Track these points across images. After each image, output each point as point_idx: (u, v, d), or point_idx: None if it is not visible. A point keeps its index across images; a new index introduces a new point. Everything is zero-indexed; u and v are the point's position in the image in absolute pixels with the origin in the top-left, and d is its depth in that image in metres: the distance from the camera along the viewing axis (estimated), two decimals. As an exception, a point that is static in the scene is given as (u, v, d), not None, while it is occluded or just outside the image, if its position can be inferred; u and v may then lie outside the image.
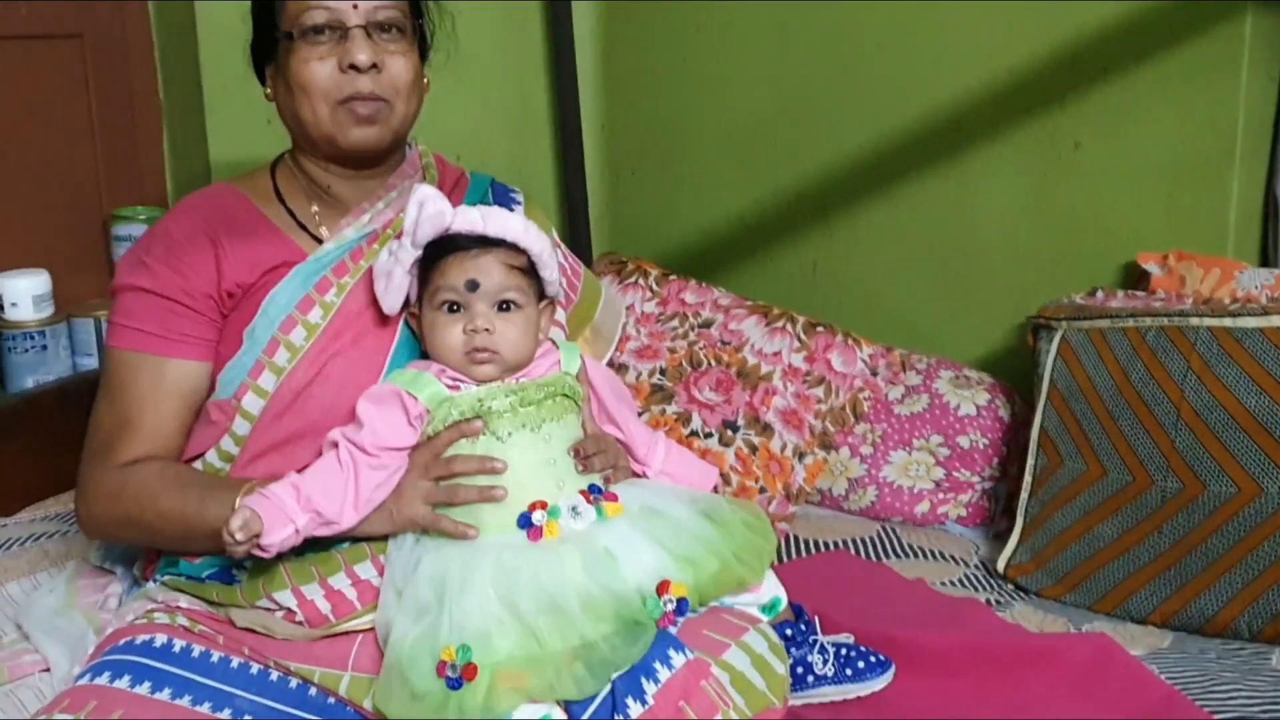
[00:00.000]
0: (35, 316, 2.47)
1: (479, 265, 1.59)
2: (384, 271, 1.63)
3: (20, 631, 1.84)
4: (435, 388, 1.57)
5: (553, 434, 1.59)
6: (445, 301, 1.60)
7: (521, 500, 1.52)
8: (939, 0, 2.51)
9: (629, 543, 1.51)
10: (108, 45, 2.67)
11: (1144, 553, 1.93)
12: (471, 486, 1.53)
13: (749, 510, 1.66)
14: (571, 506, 1.53)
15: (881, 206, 2.68)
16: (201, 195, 1.82)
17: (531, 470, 1.55)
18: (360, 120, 1.69)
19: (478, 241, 1.60)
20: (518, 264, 1.62)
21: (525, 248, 1.62)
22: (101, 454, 1.68)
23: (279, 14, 1.70)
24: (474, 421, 1.56)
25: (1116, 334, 2.08)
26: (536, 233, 1.64)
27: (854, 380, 2.45)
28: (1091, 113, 2.34)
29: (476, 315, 1.58)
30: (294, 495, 1.49)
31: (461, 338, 1.58)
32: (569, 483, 1.57)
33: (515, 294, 1.61)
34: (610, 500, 1.56)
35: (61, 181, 2.67)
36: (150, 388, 1.68)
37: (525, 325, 1.62)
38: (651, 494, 1.62)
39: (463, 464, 1.55)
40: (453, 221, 1.59)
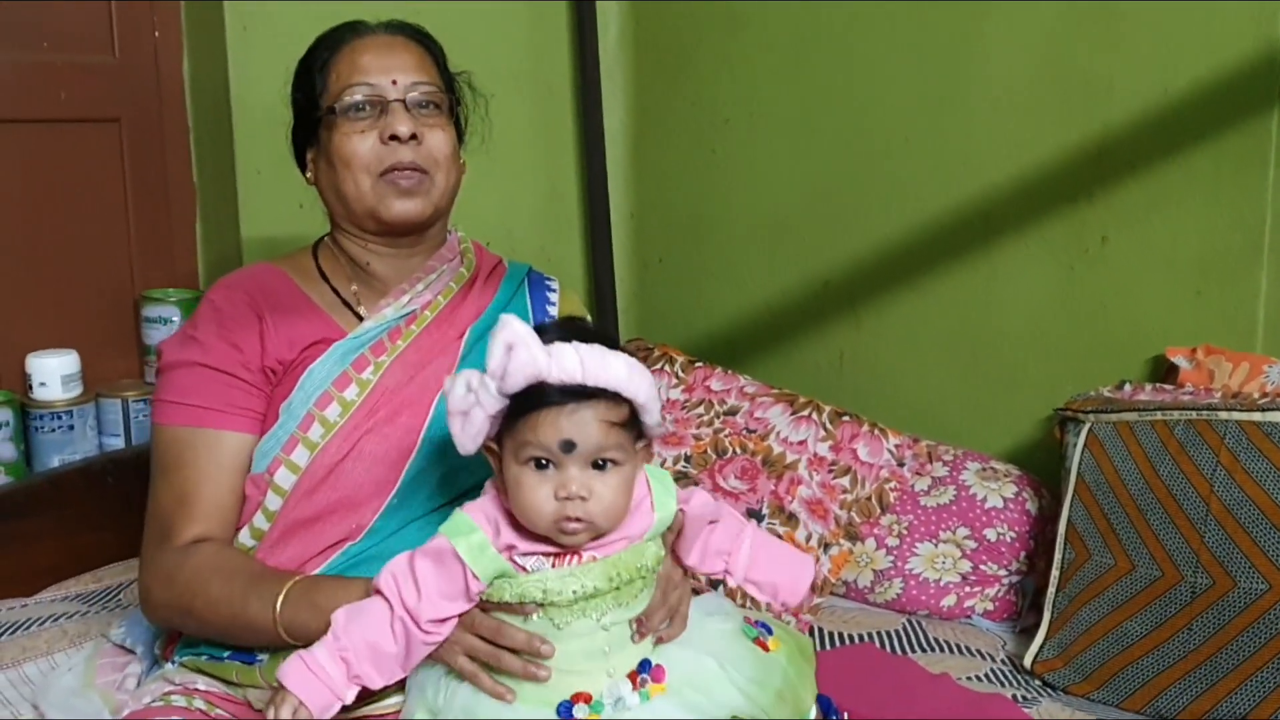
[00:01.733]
0: (63, 396, 2.49)
1: (575, 423, 1.38)
2: (460, 410, 1.42)
3: (37, 712, 1.83)
4: (499, 565, 1.41)
5: (615, 620, 1.44)
6: (534, 458, 1.40)
7: (565, 686, 1.41)
8: (966, 93, 2.53)
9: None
10: (144, 129, 2.71)
11: (1173, 650, 1.90)
12: (515, 660, 1.42)
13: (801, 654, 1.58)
14: (616, 699, 1.41)
15: (909, 298, 2.68)
16: (244, 272, 1.85)
17: (583, 658, 1.43)
18: (402, 193, 1.72)
19: (574, 394, 1.38)
20: (618, 419, 1.41)
21: (629, 397, 1.41)
22: (161, 537, 1.67)
23: (321, 95, 1.74)
24: (527, 606, 1.41)
25: (1144, 427, 2.06)
26: (641, 374, 1.42)
27: (880, 471, 2.44)
28: (1119, 207, 2.34)
29: (570, 479, 1.38)
30: (344, 672, 1.40)
31: (553, 504, 1.39)
32: (620, 666, 1.44)
33: (615, 452, 1.40)
34: (657, 680, 1.44)
35: (94, 262, 2.69)
36: (208, 462, 1.67)
37: (623, 485, 1.42)
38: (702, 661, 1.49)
39: (510, 637, 1.42)
40: (548, 371, 1.36)
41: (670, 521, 1.50)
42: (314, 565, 1.66)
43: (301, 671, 1.39)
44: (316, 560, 1.66)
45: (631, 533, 1.46)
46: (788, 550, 1.69)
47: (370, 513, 1.68)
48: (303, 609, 1.53)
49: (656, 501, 1.48)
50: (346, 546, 1.67)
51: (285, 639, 1.54)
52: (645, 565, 1.46)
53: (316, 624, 1.50)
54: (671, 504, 1.50)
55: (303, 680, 1.39)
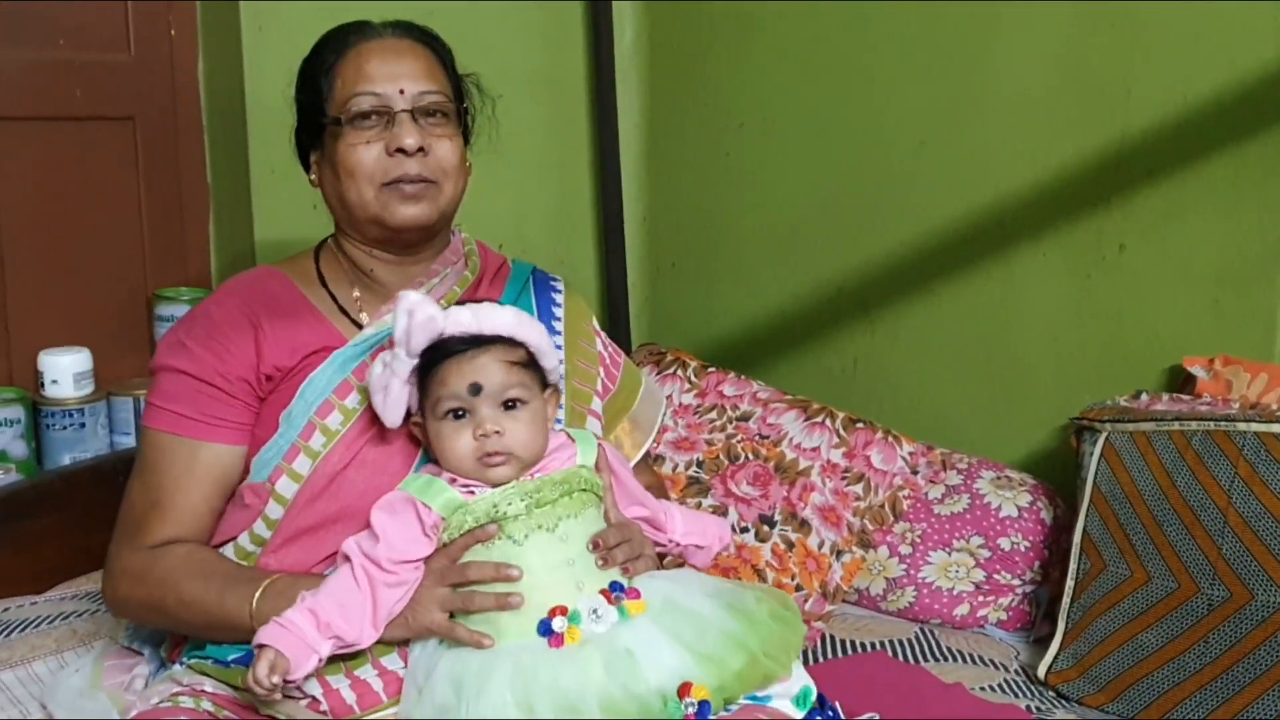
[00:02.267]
0: (75, 394, 2.48)
1: (477, 367, 1.55)
2: (380, 385, 1.59)
3: (45, 711, 1.82)
4: (449, 494, 1.54)
5: (571, 532, 1.54)
6: (449, 410, 1.55)
7: (541, 605, 1.48)
8: (982, 99, 2.51)
9: (651, 642, 1.47)
10: (159, 128, 2.71)
11: (1190, 662, 1.88)
12: (488, 594, 1.50)
13: (777, 600, 1.62)
14: (593, 609, 1.49)
15: (924, 304, 2.66)
16: (244, 278, 1.83)
17: (550, 572, 1.51)
18: (407, 198, 1.70)
19: (472, 342, 1.55)
20: (517, 359, 1.58)
21: (522, 340, 1.59)
22: (131, 534, 1.68)
23: (327, 100, 1.73)
24: (488, 526, 1.52)
25: (1161, 437, 2.04)
26: (531, 322, 1.60)
27: (894, 478, 2.42)
28: (1137, 215, 2.32)
29: (484, 419, 1.54)
30: (313, 622, 1.46)
31: (471, 444, 1.54)
32: (589, 582, 1.52)
33: (519, 390, 1.57)
34: (633, 598, 1.52)
35: (107, 260, 2.69)
36: (183, 471, 1.68)
37: (534, 420, 1.58)
38: (675, 587, 1.57)
39: (478, 570, 1.51)
40: (445, 325, 1.55)
41: (593, 456, 1.63)
42: (317, 573, 1.64)
43: (273, 629, 1.45)
44: (319, 568, 1.64)
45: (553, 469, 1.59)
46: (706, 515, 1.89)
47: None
48: (281, 604, 1.52)
49: (580, 452, 1.63)
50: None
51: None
52: (581, 477, 1.59)
53: None
54: (592, 451, 1.64)
55: (275, 635, 1.45)
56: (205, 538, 1.69)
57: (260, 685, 1.42)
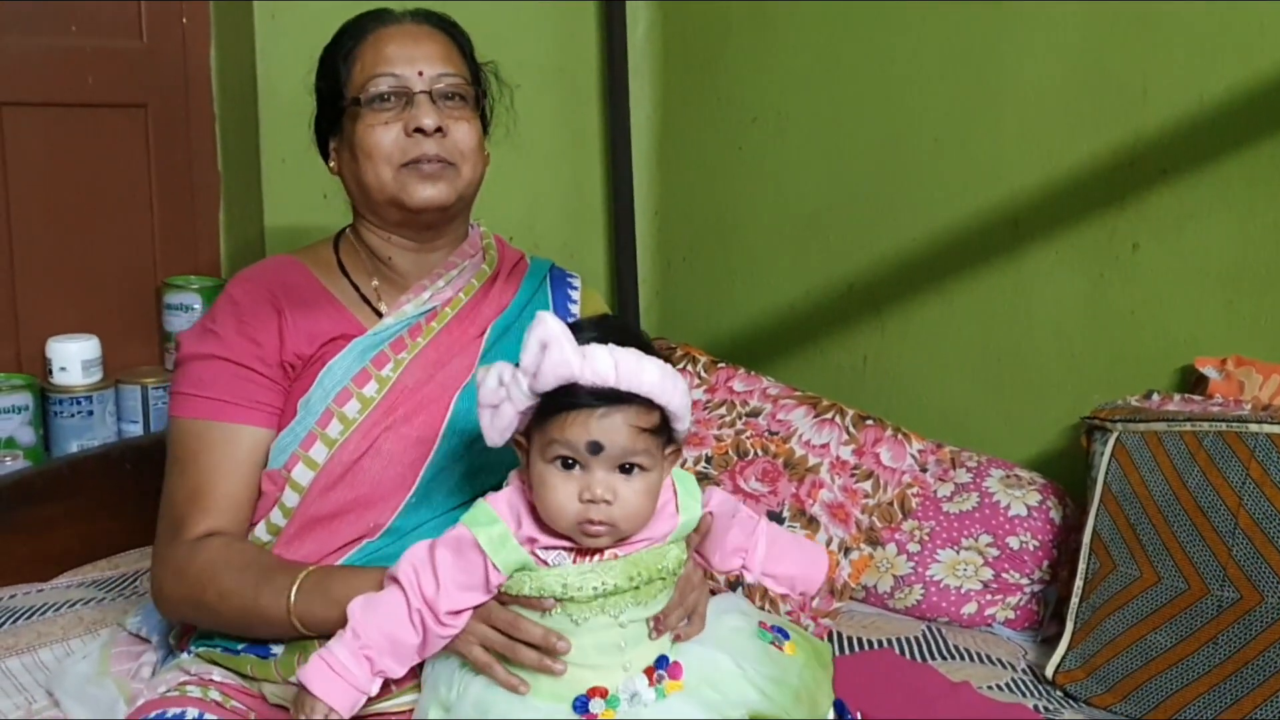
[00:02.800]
0: (83, 381, 2.48)
1: (604, 426, 1.37)
2: (490, 403, 1.42)
3: (51, 698, 1.82)
4: (522, 557, 1.41)
5: (634, 618, 1.43)
6: (560, 457, 1.39)
7: (580, 681, 1.40)
8: (998, 97, 2.50)
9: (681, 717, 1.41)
10: (170, 115, 2.71)
11: (1199, 663, 1.88)
12: (531, 653, 1.41)
13: (817, 660, 1.56)
14: (632, 694, 1.40)
15: (935, 302, 2.65)
16: (264, 265, 1.83)
17: (600, 654, 1.41)
18: (425, 178, 1.70)
19: (606, 398, 1.37)
20: (649, 425, 1.40)
21: (661, 404, 1.40)
22: (174, 530, 1.66)
23: (345, 83, 1.73)
24: (545, 600, 1.40)
25: (1173, 438, 2.04)
26: (675, 382, 1.40)
27: (903, 476, 2.42)
28: (1151, 214, 2.31)
29: (595, 482, 1.38)
30: (367, 669, 1.40)
31: (576, 505, 1.38)
32: (636, 662, 1.43)
33: (643, 458, 1.40)
34: (673, 676, 1.43)
35: (117, 248, 2.69)
36: (223, 456, 1.66)
37: (648, 491, 1.42)
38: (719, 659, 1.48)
39: (526, 631, 1.41)
40: (581, 372, 1.35)
41: (694, 525, 1.49)
42: (331, 562, 1.64)
43: (324, 673, 1.39)
44: (333, 557, 1.64)
45: (655, 534, 1.45)
46: (802, 542, 1.70)
47: (388, 511, 1.66)
48: (316, 599, 1.52)
49: (681, 505, 1.48)
50: (364, 544, 1.66)
51: (299, 630, 1.53)
52: (667, 566, 1.45)
53: (330, 614, 1.49)
54: (696, 508, 1.49)
55: (327, 682, 1.39)
56: (244, 528, 1.68)
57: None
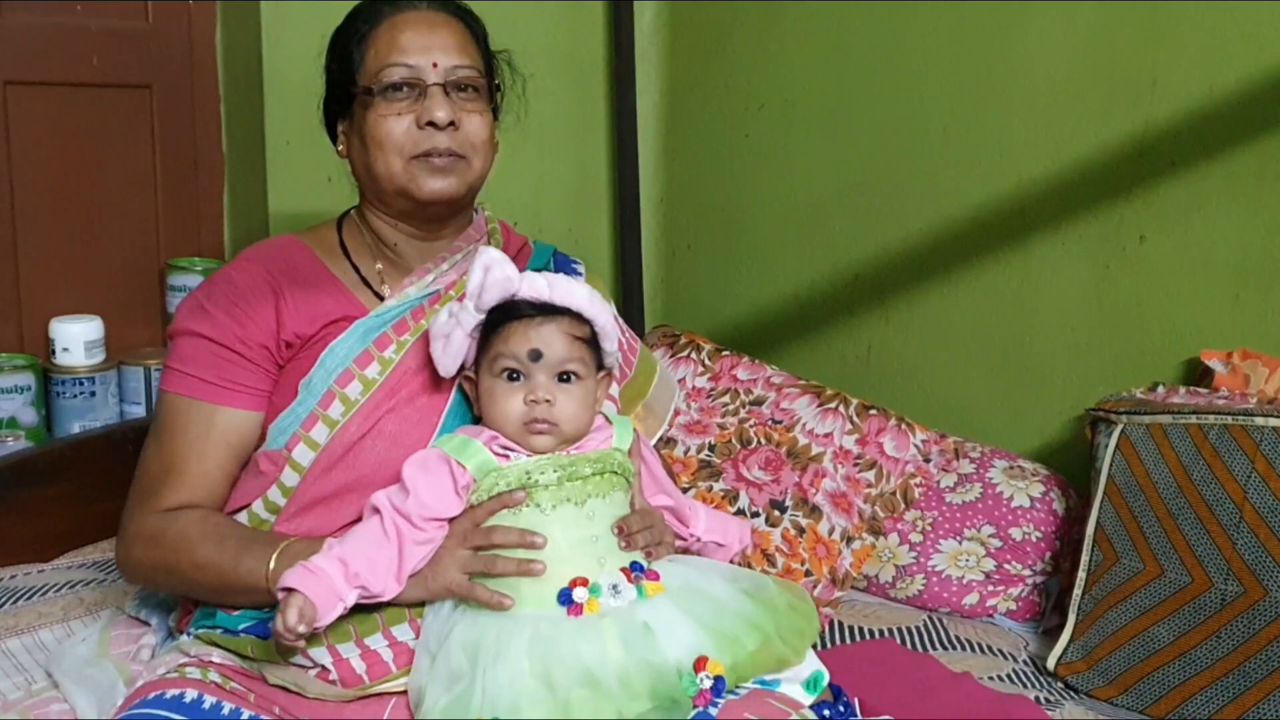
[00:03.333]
0: (86, 362, 2.48)
1: (542, 334, 1.56)
2: (442, 333, 1.60)
3: (50, 679, 1.81)
4: (484, 456, 1.54)
5: (597, 510, 1.55)
6: (506, 369, 1.57)
7: (561, 576, 1.49)
8: (1006, 86, 2.49)
9: (668, 619, 1.47)
10: (175, 97, 2.70)
11: (1201, 657, 1.87)
12: (510, 559, 1.50)
13: (793, 591, 1.62)
14: (612, 584, 1.49)
15: (940, 292, 2.65)
16: (267, 245, 1.82)
17: (573, 546, 1.51)
18: (435, 171, 1.69)
19: (542, 309, 1.57)
20: (581, 334, 1.59)
21: (590, 318, 1.60)
22: (145, 497, 1.67)
23: (358, 70, 1.71)
24: (516, 493, 1.52)
25: (1178, 430, 2.03)
26: (601, 303, 1.62)
27: (906, 466, 2.41)
28: (1158, 206, 2.30)
29: (537, 385, 1.55)
30: (342, 571, 1.46)
31: (521, 408, 1.55)
32: (610, 560, 1.52)
33: (577, 365, 1.58)
34: (652, 579, 1.52)
35: (121, 229, 2.69)
36: (199, 435, 1.67)
37: (584, 397, 1.59)
38: (694, 571, 1.59)
39: (502, 535, 1.51)
40: (519, 287, 1.56)
41: (628, 442, 1.64)
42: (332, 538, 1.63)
43: (300, 573, 1.44)
44: (333, 537, 1.63)
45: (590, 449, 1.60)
46: (730, 517, 1.89)
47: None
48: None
49: (616, 436, 1.64)
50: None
51: (276, 597, 1.51)
52: (615, 459, 1.60)
53: None
54: (628, 436, 1.65)
55: (302, 579, 1.44)
56: (219, 504, 1.69)
57: (289, 633, 1.42)
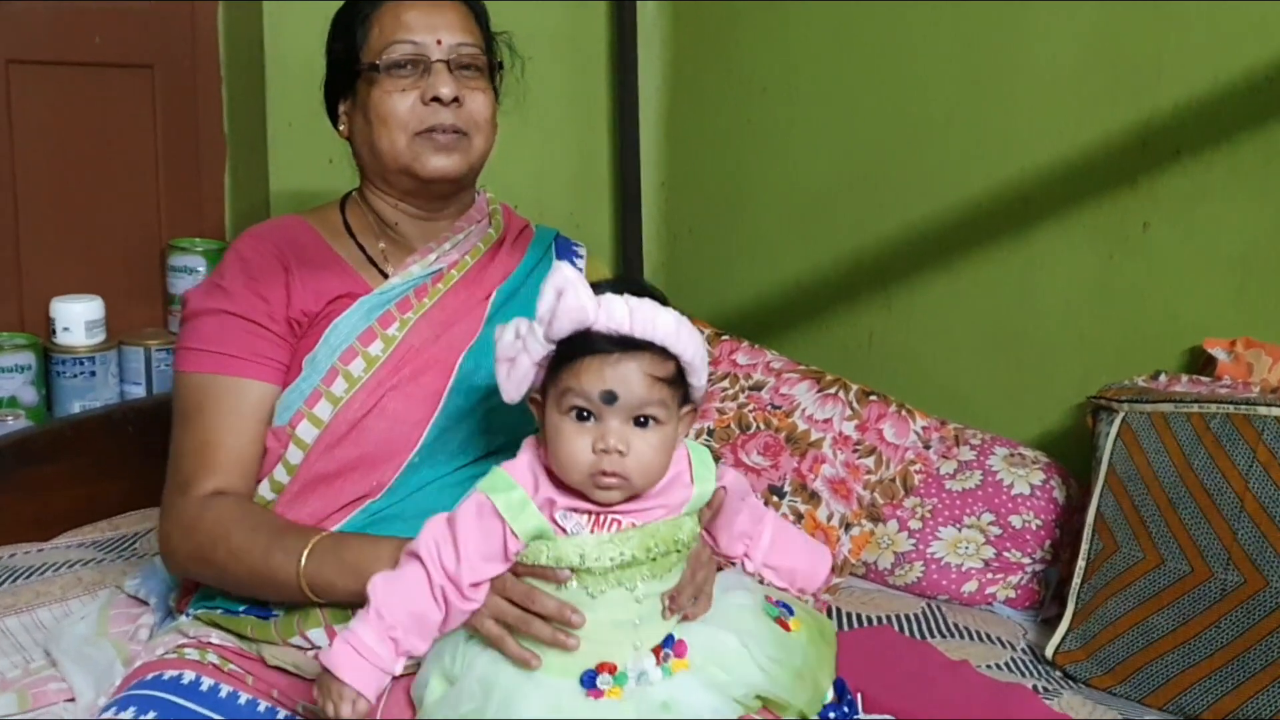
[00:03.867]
0: (86, 342, 2.48)
1: (619, 374, 1.36)
2: (507, 356, 1.41)
3: (48, 658, 1.82)
4: (540, 524, 1.39)
5: (648, 593, 1.41)
6: (575, 408, 1.38)
7: (590, 656, 1.39)
8: (1011, 73, 2.48)
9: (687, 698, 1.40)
10: (177, 77, 2.70)
11: (1201, 647, 1.87)
12: (545, 626, 1.38)
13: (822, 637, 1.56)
14: (640, 673, 1.39)
15: (942, 279, 2.64)
16: (272, 224, 1.83)
17: (613, 630, 1.40)
18: (439, 148, 1.70)
19: (620, 343, 1.36)
20: (664, 374, 1.38)
21: (677, 353, 1.39)
22: (181, 486, 1.65)
23: (361, 49, 1.72)
24: (561, 572, 1.39)
25: (1180, 419, 2.02)
26: (690, 333, 1.40)
27: (906, 452, 2.41)
28: (1162, 195, 2.30)
29: (609, 432, 1.37)
30: (392, 650, 1.36)
31: (590, 456, 1.37)
32: (646, 640, 1.41)
33: (657, 409, 1.39)
34: (679, 655, 1.42)
35: (122, 209, 2.69)
36: (232, 410, 1.66)
37: (662, 445, 1.40)
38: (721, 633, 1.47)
39: (541, 604, 1.38)
40: (595, 318, 1.35)
41: (708, 498, 1.47)
42: (333, 521, 1.64)
43: (351, 658, 1.35)
44: (336, 516, 1.64)
45: (669, 503, 1.44)
46: (806, 539, 1.69)
47: (391, 470, 1.66)
48: (328, 565, 1.51)
49: (696, 476, 1.46)
50: (367, 504, 1.65)
51: (307, 594, 1.52)
52: (681, 539, 1.44)
53: (342, 581, 1.50)
54: (711, 480, 1.48)
55: (355, 668, 1.34)
56: (251, 486, 1.67)
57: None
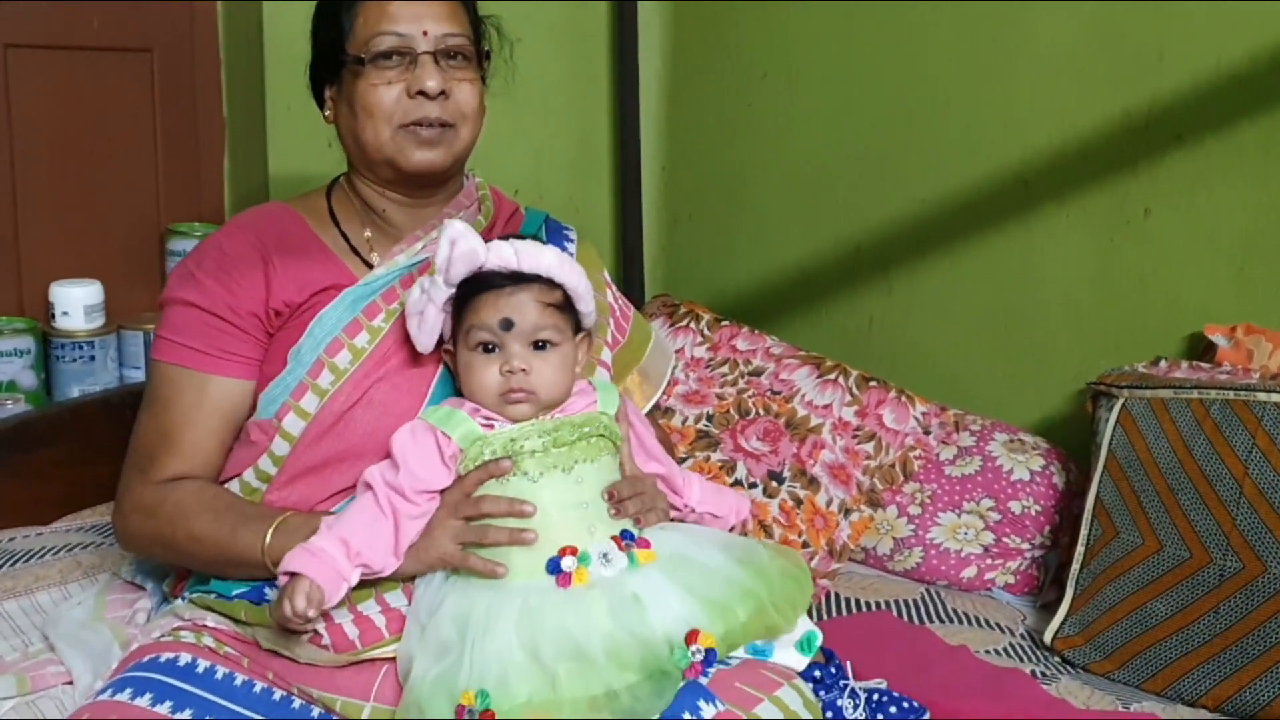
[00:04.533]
0: (85, 326, 2.48)
1: (513, 303, 1.55)
2: (416, 310, 1.59)
3: (46, 642, 1.82)
4: (468, 426, 1.54)
5: (586, 475, 1.55)
6: (480, 342, 1.56)
7: (551, 544, 1.49)
8: (1011, 56, 2.47)
9: (659, 590, 1.46)
10: (176, 60, 2.69)
11: (1199, 632, 1.87)
12: (502, 528, 1.50)
13: (787, 557, 1.61)
14: (603, 553, 1.49)
15: (943, 264, 2.63)
16: (256, 212, 1.82)
17: (563, 513, 1.51)
18: (423, 143, 1.69)
19: (511, 278, 1.56)
20: (553, 300, 1.58)
21: (561, 282, 1.58)
22: (141, 468, 1.67)
23: (346, 38, 1.70)
24: (503, 461, 1.52)
25: (1179, 405, 2.02)
26: (571, 265, 1.60)
27: (905, 438, 2.40)
28: (1163, 180, 2.29)
29: (512, 355, 1.55)
30: (344, 550, 1.46)
31: (497, 379, 1.55)
32: (601, 527, 1.53)
33: (551, 332, 1.57)
34: (643, 547, 1.52)
35: (121, 193, 2.68)
36: (192, 405, 1.67)
37: (562, 363, 1.59)
38: (686, 539, 1.58)
39: (492, 504, 1.51)
40: (486, 258, 1.55)
41: (614, 406, 1.63)
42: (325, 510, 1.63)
43: (303, 556, 1.45)
44: (323, 506, 1.64)
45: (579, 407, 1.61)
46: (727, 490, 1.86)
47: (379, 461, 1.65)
48: (294, 540, 1.51)
49: (600, 400, 1.63)
50: (354, 495, 1.65)
51: (272, 570, 1.52)
52: (600, 422, 1.59)
53: None
54: (614, 401, 1.64)
55: (306, 563, 1.44)
56: (214, 473, 1.69)
57: (298, 617, 1.42)
